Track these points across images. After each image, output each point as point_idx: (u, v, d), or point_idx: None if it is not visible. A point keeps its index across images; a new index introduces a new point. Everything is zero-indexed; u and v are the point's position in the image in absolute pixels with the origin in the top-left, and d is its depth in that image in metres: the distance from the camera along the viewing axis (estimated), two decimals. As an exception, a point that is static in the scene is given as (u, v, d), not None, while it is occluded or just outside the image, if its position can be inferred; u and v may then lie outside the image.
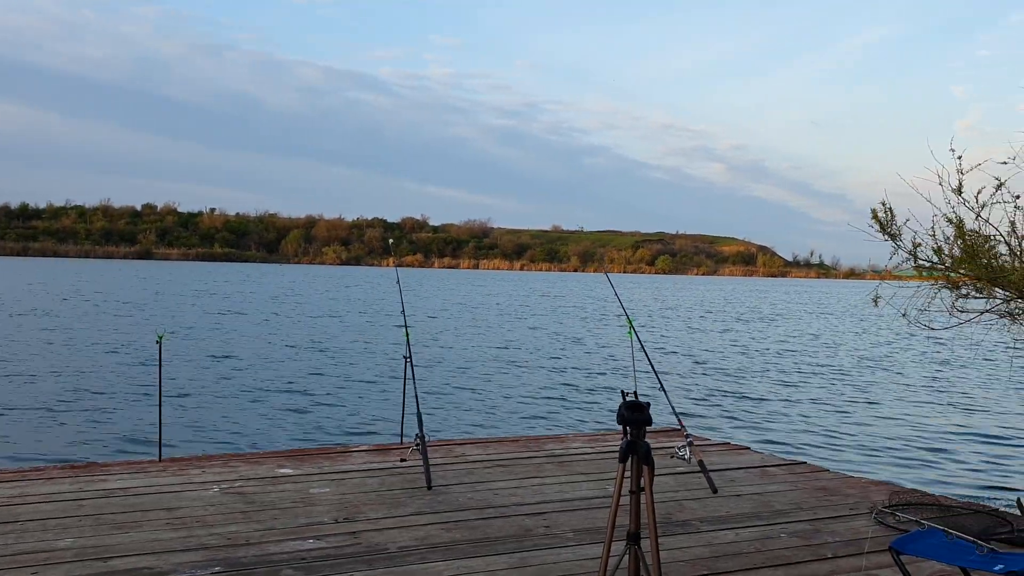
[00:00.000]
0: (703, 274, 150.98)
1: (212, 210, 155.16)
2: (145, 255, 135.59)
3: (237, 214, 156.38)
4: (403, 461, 7.03)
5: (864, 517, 5.80)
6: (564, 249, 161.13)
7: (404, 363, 7.13)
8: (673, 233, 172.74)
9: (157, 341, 6.98)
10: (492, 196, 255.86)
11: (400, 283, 7.94)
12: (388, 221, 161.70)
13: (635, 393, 3.91)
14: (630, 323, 6.73)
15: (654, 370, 6.87)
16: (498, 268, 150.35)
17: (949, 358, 25.69)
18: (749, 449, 8.52)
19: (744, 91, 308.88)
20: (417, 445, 6.61)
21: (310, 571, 4.57)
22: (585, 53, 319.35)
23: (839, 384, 19.69)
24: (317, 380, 17.66)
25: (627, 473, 3.81)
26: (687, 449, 6.20)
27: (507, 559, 4.82)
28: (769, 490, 6.54)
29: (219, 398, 15.14)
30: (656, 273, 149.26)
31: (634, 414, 3.75)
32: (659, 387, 6.76)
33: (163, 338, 7.05)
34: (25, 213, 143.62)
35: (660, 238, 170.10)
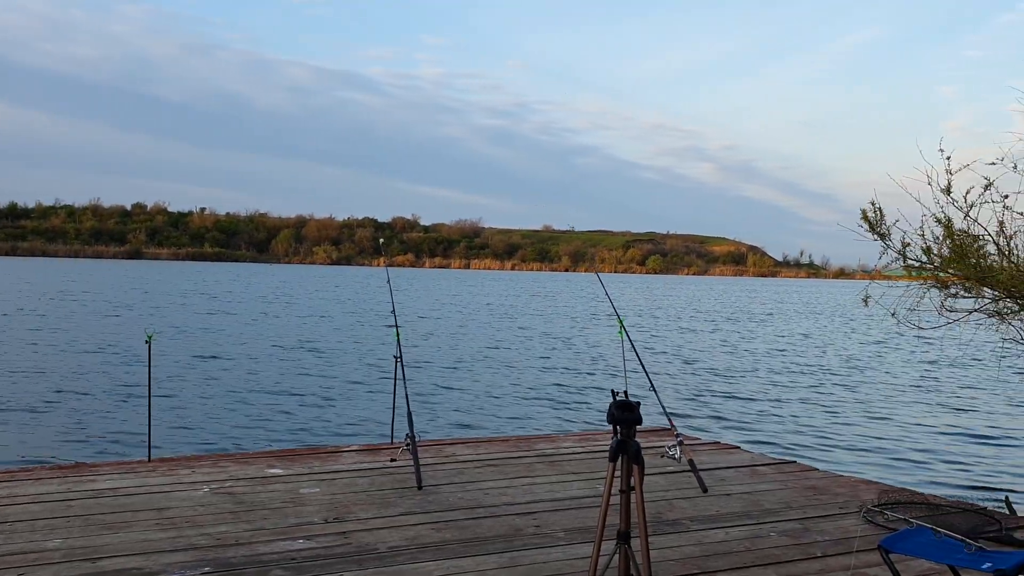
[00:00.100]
0: (694, 274, 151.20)
1: (202, 210, 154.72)
2: (135, 255, 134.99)
3: (227, 214, 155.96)
4: (393, 461, 7.03)
5: (853, 516, 5.82)
6: (555, 249, 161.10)
7: (394, 363, 7.13)
8: (664, 233, 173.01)
9: (146, 341, 6.95)
10: (483, 196, 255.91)
11: (390, 283, 7.93)
12: (379, 221, 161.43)
13: (625, 393, 3.91)
14: (620, 323, 6.75)
15: (645, 370, 6.89)
16: (489, 268, 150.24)
17: (938, 358, 25.79)
18: (739, 448, 8.54)
19: (734, 91, 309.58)
20: (407, 445, 6.61)
21: (300, 571, 4.56)
22: (576, 53, 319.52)
23: (828, 383, 19.75)
24: (307, 380, 17.63)
25: (617, 472, 3.81)
26: (677, 448, 6.23)
27: (497, 559, 4.82)
28: (759, 489, 6.56)
29: (208, 398, 15.09)
30: (647, 273, 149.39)
31: (624, 413, 3.75)
32: (649, 387, 6.78)
33: (152, 338, 7.02)
34: (14, 212, 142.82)
35: (651, 238, 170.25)
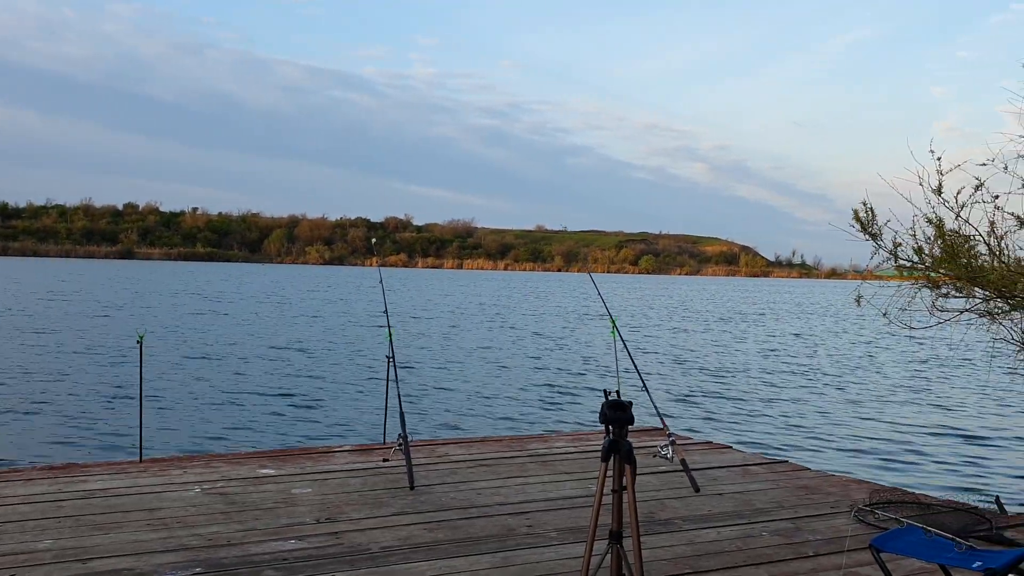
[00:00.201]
0: (686, 274, 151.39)
1: (194, 209, 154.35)
2: (127, 255, 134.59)
3: (219, 214, 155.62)
4: (386, 461, 7.02)
5: (845, 515, 5.83)
6: (548, 249, 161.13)
7: (387, 363, 7.12)
8: (656, 233, 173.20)
9: (138, 341, 6.93)
10: (476, 196, 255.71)
11: (383, 283, 7.92)
12: (371, 221, 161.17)
13: (618, 392, 3.92)
14: (613, 323, 6.77)
15: (637, 370, 6.90)
16: (482, 268, 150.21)
17: (929, 357, 25.87)
18: (731, 448, 8.56)
19: (727, 92, 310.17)
20: (400, 445, 6.60)
21: (292, 572, 4.55)
22: (569, 54, 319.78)
23: (820, 383, 19.80)
24: (299, 380, 17.60)
25: (609, 472, 3.81)
26: (670, 448, 6.25)
27: (490, 559, 4.82)
28: (751, 489, 6.57)
29: (200, 398, 15.05)
30: (639, 273, 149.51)
31: (616, 413, 3.76)
32: (642, 386, 6.79)
33: (144, 338, 7.00)
34: (5, 212, 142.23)
35: (643, 238, 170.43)
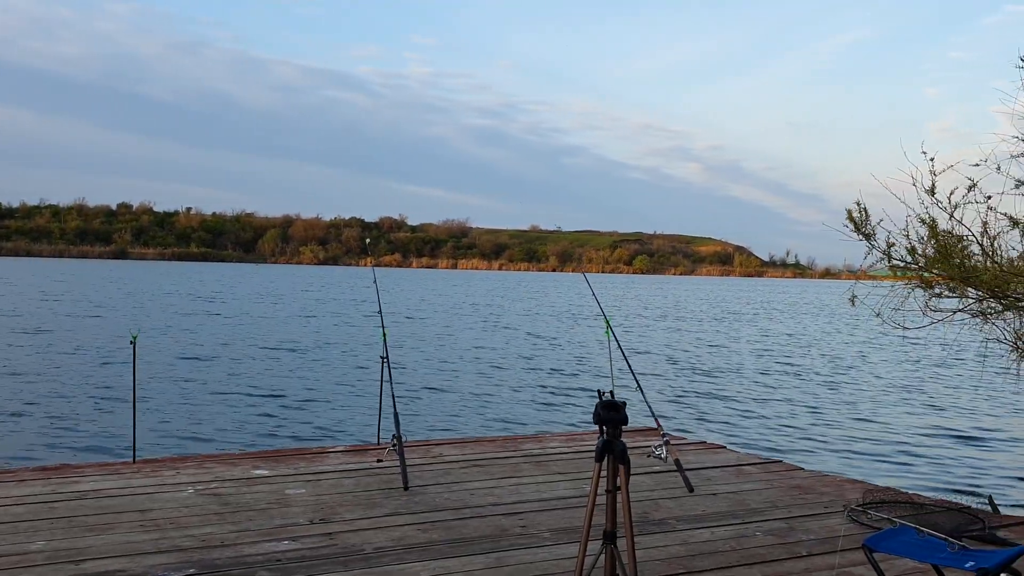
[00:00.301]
0: (680, 274, 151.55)
1: (188, 209, 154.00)
2: (120, 255, 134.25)
3: (213, 213, 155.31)
4: (379, 462, 7.01)
5: (838, 515, 5.84)
6: (543, 249, 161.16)
7: (381, 363, 7.11)
8: (651, 233, 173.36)
9: (131, 341, 6.91)
10: (471, 196, 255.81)
11: (377, 283, 7.92)
12: (366, 221, 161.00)
13: (611, 393, 3.92)
14: (607, 323, 6.76)
15: (631, 370, 6.90)
16: (476, 268, 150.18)
17: (922, 357, 25.94)
18: (725, 448, 8.57)
19: (721, 92, 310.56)
20: (394, 445, 6.60)
21: (285, 573, 4.54)
22: (565, 54, 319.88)
23: (814, 383, 19.83)
24: (293, 381, 17.58)
25: (603, 472, 3.81)
26: (663, 448, 6.25)
27: (484, 559, 4.82)
28: (745, 489, 6.58)
29: (193, 399, 15.02)
30: (634, 273, 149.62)
31: (610, 413, 3.76)
32: (636, 387, 6.79)
33: (137, 338, 6.98)
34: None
35: (638, 238, 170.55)
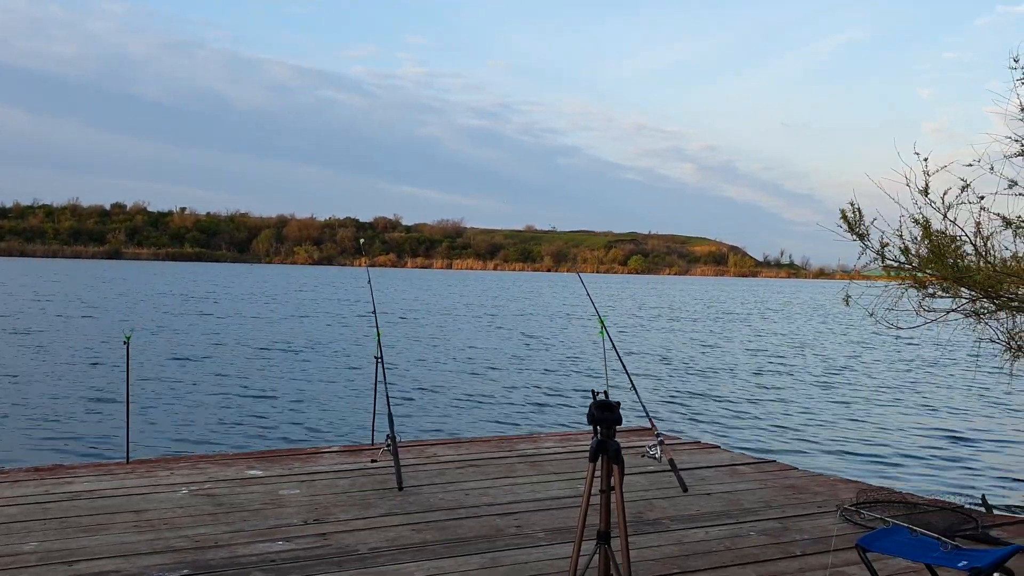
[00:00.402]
0: (675, 274, 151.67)
1: (182, 209, 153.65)
2: (114, 255, 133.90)
3: (208, 213, 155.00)
4: (374, 462, 7.01)
5: (832, 515, 5.85)
6: (537, 249, 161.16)
7: (375, 364, 7.11)
8: (645, 233, 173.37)
9: (124, 341, 6.89)
10: (465, 196, 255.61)
11: (371, 283, 7.91)
12: (360, 221, 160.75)
13: (605, 393, 3.92)
14: (602, 323, 6.76)
15: (625, 370, 6.91)
16: (471, 268, 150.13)
17: (916, 357, 26.00)
18: (719, 448, 8.58)
19: (716, 92, 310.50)
20: (388, 446, 6.59)
21: (279, 573, 4.54)
22: (558, 54, 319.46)
23: (808, 383, 19.86)
24: (287, 381, 17.55)
25: (597, 472, 3.82)
26: (658, 448, 6.25)
27: (478, 559, 4.82)
28: (739, 488, 6.59)
29: (187, 399, 15.00)
30: (629, 273, 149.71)
31: (604, 413, 3.76)
32: (630, 387, 6.80)
33: (130, 338, 6.96)
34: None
35: (632, 238, 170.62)
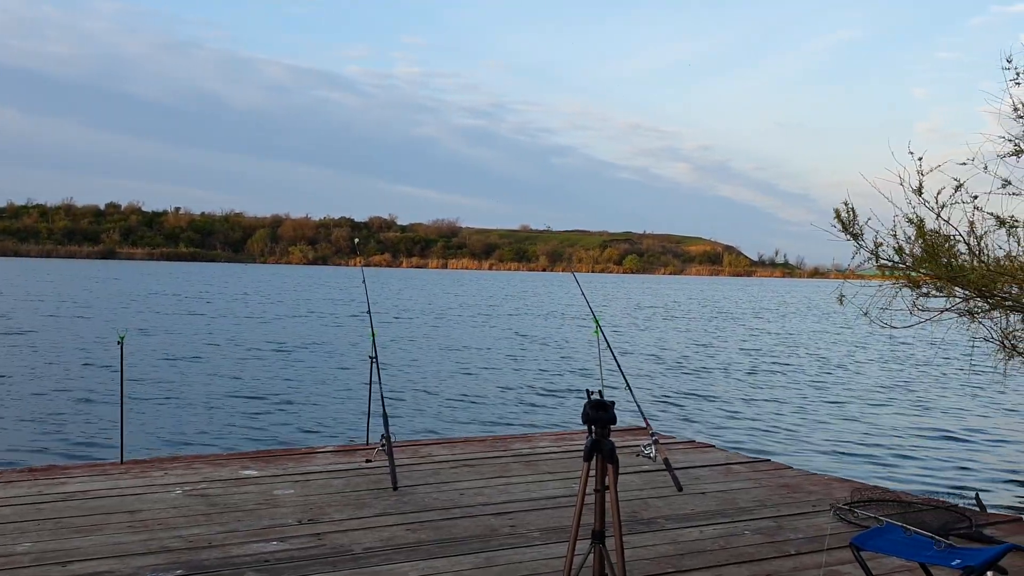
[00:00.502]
0: (670, 273, 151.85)
1: (177, 209, 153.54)
2: (109, 255, 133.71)
3: (202, 213, 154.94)
4: (369, 462, 7.00)
5: (827, 514, 5.86)
6: (532, 249, 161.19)
7: (370, 363, 7.10)
8: (640, 233, 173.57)
9: (119, 341, 6.88)
10: (461, 196, 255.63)
11: (366, 283, 7.90)
12: (355, 220, 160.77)
13: (600, 392, 3.92)
14: (596, 323, 6.76)
15: (620, 369, 6.90)
16: (466, 268, 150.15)
17: (910, 356, 26.05)
18: (713, 447, 8.59)
19: (710, 92, 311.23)
20: (383, 446, 6.59)
21: (274, 573, 4.53)
22: (553, 53, 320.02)
23: (802, 382, 19.89)
24: (282, 381, 17.53)
25: (592, 472, 3.82)
26: (652, 447, 6.26)
27: (473, 559, 4.82)
28: (733, 488, 6.60)
29: (182, 399, 14.97)
30: (624, 273, 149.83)
31: (598, 413, 3.76)
32: (625, 386, 6.80)
33: (124, 338, 6.95)
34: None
35: (627, 238, 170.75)
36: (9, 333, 25.12)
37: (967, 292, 7.35)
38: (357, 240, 12.08)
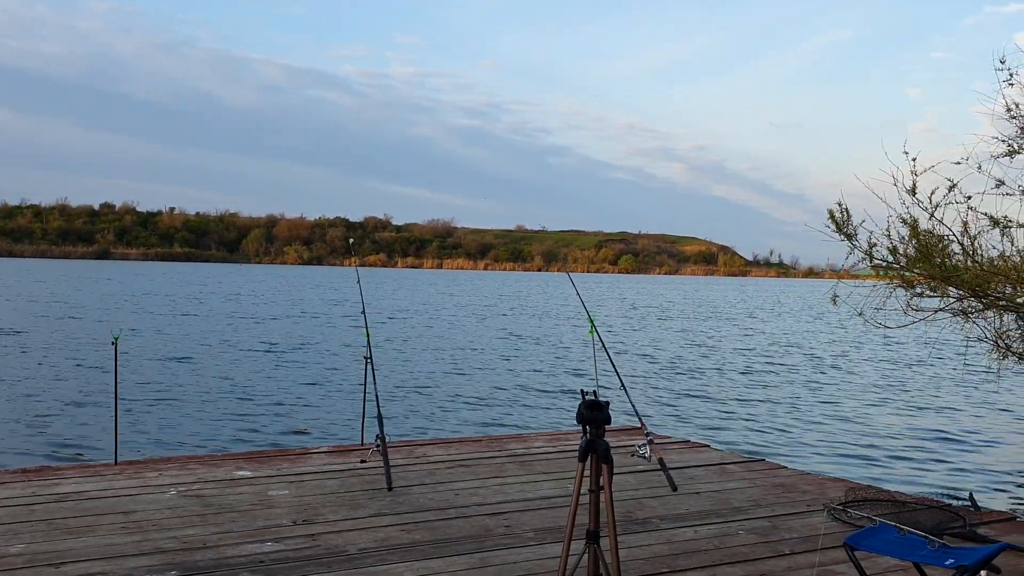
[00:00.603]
0: (665, 273, 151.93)
1: (171, 209, 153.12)
2: (103, 255, 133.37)
3: (197, 213, 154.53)
4: (363, 462, 7.00)
5: (821, 514, 5.87)
6: (528, 249, 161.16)
7: (365, 363, 7.09)
8: (636, 233, 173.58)
9: (112, 342, 6.86)
10: (456, 196, 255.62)
11: (361, 283, 7.90)
12: (350, 220, 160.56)
13: (595, 392, 3.92)
14: (591, 323, 6.76)
15: (615, 369, 6.90)
16: (462, 268, 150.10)
17: (904, 356, 26.10)
18: (708, 447, 8.59)
19: (705, 92, 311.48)
20: (377, 446, 6.58)
21: (268, 574, 4.52)
22: (549, 53, 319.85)
23: (797, 382, 19.92)
24: (276, 381, 17.51)
25: (587, 472, 3.82)
26: (647, 447, 6.25)
27: (467, 559, 4.81)
28: (728, 487, 6.60)
29: (176, 400, 14.94)
30: (619, 273, 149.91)
31: (593, 413, 3.76)
32: (620, 386, 6.80)
33: (118, 339, 6.93)
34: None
35: (623, 238, 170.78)
36: (2, 333, 25.05)
37: (961, 292, 7.37)
38: (352, 240, 12.06)
